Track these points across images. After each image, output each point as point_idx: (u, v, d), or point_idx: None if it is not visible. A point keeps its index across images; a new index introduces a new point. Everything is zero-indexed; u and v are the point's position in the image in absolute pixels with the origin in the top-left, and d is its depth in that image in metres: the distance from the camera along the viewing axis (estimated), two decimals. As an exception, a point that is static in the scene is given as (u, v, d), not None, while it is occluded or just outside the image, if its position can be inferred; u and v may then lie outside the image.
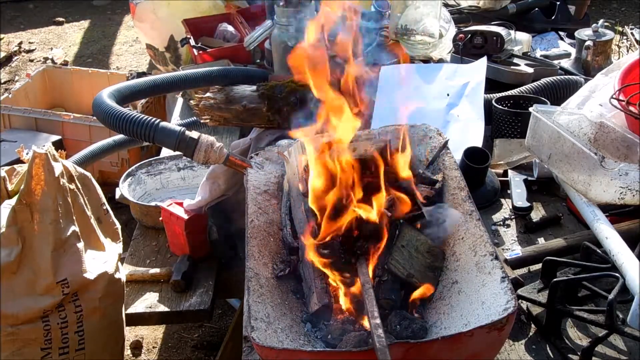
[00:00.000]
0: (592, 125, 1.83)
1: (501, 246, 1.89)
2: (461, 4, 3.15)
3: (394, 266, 1.51)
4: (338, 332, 1.43)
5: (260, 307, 1.39)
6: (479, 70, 2.33)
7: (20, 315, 1.75)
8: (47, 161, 1.79)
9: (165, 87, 2.31)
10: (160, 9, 3.62)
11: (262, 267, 1.51)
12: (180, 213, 2.14)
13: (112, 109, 1.94)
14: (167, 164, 2.62)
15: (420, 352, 1.26)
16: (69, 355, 1.83)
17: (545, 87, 2.40)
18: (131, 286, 2.14)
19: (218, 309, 3.07)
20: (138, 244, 2.34)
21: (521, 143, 2.10)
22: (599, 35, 2.70)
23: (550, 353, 1.55)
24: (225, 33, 3.20)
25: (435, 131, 1.82)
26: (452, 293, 1.48)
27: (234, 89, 2.22)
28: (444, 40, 2.59)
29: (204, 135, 1.87)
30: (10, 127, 3.76)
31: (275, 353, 1.27)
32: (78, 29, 6.16)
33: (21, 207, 1.75)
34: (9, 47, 5.71)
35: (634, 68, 1.90)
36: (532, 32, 3.00)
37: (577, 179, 1.79)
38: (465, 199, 1.60)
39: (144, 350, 2.99)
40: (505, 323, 1.29)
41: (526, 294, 1.64)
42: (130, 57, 5.65)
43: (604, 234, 1.67)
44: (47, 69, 4.31)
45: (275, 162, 1.81)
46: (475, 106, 2.22)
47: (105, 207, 2.04)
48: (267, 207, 1.69)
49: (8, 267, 1.73)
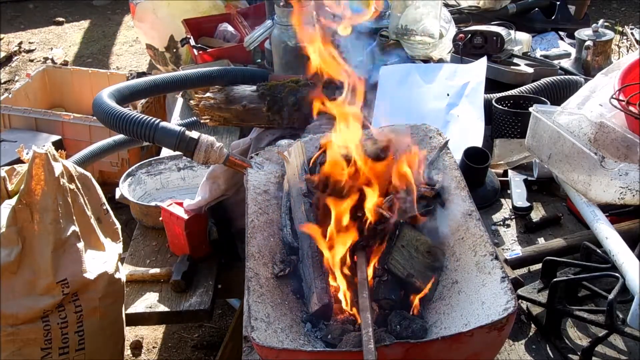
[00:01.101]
0: (592, 125, 1.83)
1: (501, 246, 1.89)
2: (461, 4, 3.15)
3: (394, 266, 1.51)
4: (338, 332, 1.43)
5: (260, 307, 1.39)
6: (479, 70, 2.33)
7: (20, 315, 1.75)
8: (47, 161, 1.79)
9: (165, 87, 2.31)
10: (160, 9, 3.63)
11: (262, 267, 1.51)
12: (180, 213, 2.14)
13: (112, 109, 1.94)
14: (167, 164, 2.62)
15: (420, 352, 1.26)
16: (69, 355, 1.84)
17: (545, 87, 2.40)
18: (131, 286, 2.14)
19: (218, 309, 3.07)
20: (138, 244, 2.34)
21: (521, 143, 2.10)
22: (599, 35, 2.70)
23: (550, 353, 1.55)
24: (225, 33, 3.21)
25: (435, 131, 1.82)
26: (452, 293, 1.48)
27: (234, 89, 2.23)
28: (444, 40, 2.59)
29: (204, 135, 1.87)
30: (10, 127, 3.76)
31: (275, 353, 1.27)
32: (78, 29, 6.16)
33: (21, 207, 1.76)
34: (9, 47, 5.71)
35: (634, 68, 1.90)
36: (532, 32, 3.00)
37: (577, 179, 1.79)
38: (465, 199, 1.60)
39: (144, 350, 2.99)
40: (505, 323, 1.29)
41: (526, 294, 1.64)
42: (130, 57, 5.65)
43: (604, 234, 1.67)
44: (47, 69, 4.31)
45: (275, 162, 1.81)
46: (475, 106, 2.22)
47: (105, 207, 2.04)
48: (267, 207, 1.69)
49: (8, 267, 1.73)
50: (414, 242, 1.56)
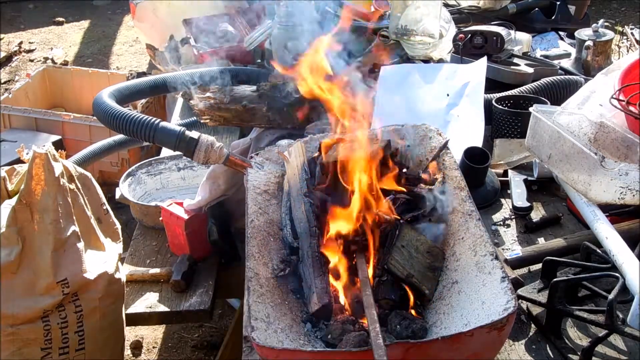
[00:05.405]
0: (592, 125, 1.83)
1: (501, 246, 1.89)
2: (461, 4, 3.15)
3: (394, 266, 1.51)
4: (338, 332, 1.43)
5: (260, 307, 1.39)
6: (479, 70, 2.33)
7: (20, 315, 1.75)
8: (47, 161, 1.79)
9: (165, 87, 2.31)
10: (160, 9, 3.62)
11: (262, 267, 1.51)
12: (180, 213, 2.14)
13: (112, 109, 1.94)
14: (167, 164, 2.62)
15: (420, 352, 1.26)
16: (69, 355, 1.83)
17: (545, 87, 2.40)
18: (131, 286, 2.14)
19: (218, 309, 3.07)
20: (138, 244, 2.34)
21: (521, 143, 2.10)
22: (599, 35, 2.70)
23: (550, 353, 1.55)
24: (225, 33, 3.20)
25: (435, 131, 1.82)
26: (452, 293, 1.48)
27: (234, 89, 2.22)
28: (444, 40, 2.59)
29: (204, 135, 1.87)
30: (10, 127, 3.76)
31: (275, 353, 1.27)
32: (78, 29, 6.16)
33: (21, 207, 1.75)
34: (9, 47, 5.71)
35: (634, 68, 1.90)
36: (532, 32, 3.00)
37: (577, 179, 1.79)
38: (465, 199, 1.60)
39: (144, 350, 2.99)
40: (505, 323, 1.29)
41: (526, 294, 1.64)
42: (130, 57, 5.65)
43: (604, 234, 1.67)
44: (47, 69, 4.31)
45: (275, 162, 1.81)
46: (476, 106, 2.22)
47: (105, 207, 2.04)
48: (267, 207, 1.69)
49: (8, 267, 1.73)
50: (414, 242, 1.56)
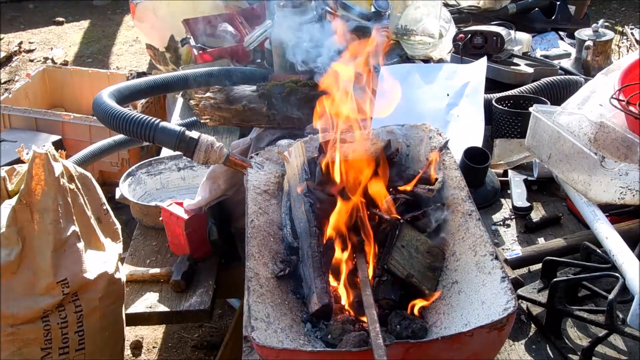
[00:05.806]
0: (592, 125, 1.83)
1: (501, 246, 1.89)
2: (461, 4, 3.15)
3: (394, 266, 1.51)
4: (338, 332, 1.43)
5: (260, 307, 1.39)
6: (479, 70, 2.33)
7: (20, 315, 1.75)
8: (47, 161, 1.79)
9: (165, 87, 2.31)
10: (160, 9, 3.62)
11: (262, 267, 1.51)
12: (180, 213, 2.14)
13: (112, 109, 1.94)
14: (167, 164, 2.62)
15: (420, 352, 1.26)
16: (69, 355, 1.83)
17: (545, 87, 2.40)
18: (131, 286, 2.13)
19: (218, 309, 3.07)
20: (138, 244, 2.34)
21: (521, 143, 2.10)
22: (599, 35, 2.70)
23: (550, 353, 1.55)
24: (225, 33, 3.20)
25: (435, 131, 1.82)
26: (452, 293, 1.48)
27: (234, 89, 2.22)
28: (444, 40, 2.59)
29: (204, 135, 1.87)
30: (10, 127, 3.76)
31: (275, 353, 1.27)
32: (78, 29, 6.16)
33: (21, 207, 1.75)
34: (9, 47, 5.71)
35: (634, 68, 1.90)
36: (532, 32, 3.00)
37: (577, 179, 1.79)
38: (465, 199, 1.60)
39: (144, 350, 2.99)
40: (505, 323, 1.29)
41: (526, 294, 1.64)
42: (130, 57, 5.65)
43: (604, 234, 1.67)
44: (47, 69, 4.31)
45: (275, 162, 1.81)
46: (476, 106, 2.22)
47: (105, 207, 2.04)
48: (267, 207, 1.69)
49: (8, 267, 1.73)
50: (414, 242, 1.56)
